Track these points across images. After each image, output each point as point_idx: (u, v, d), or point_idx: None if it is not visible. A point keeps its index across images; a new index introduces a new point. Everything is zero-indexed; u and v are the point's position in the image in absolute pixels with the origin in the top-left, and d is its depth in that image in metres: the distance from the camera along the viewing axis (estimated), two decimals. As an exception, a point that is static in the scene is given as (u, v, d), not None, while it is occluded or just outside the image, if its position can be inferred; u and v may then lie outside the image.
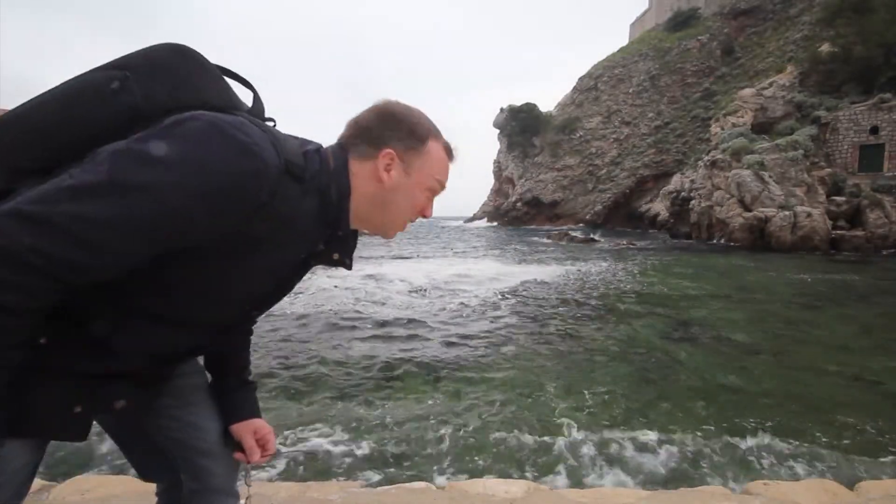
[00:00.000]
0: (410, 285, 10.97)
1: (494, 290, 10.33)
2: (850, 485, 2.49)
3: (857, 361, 5.27)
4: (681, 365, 5.12)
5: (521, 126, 57.50)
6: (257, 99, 0.87)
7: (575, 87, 59.35)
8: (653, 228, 38.84)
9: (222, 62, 0.85)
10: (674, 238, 29.54)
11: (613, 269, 14.50)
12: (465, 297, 9.56)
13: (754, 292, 10.09)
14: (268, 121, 0.89)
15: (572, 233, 31.71)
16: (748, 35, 47.23)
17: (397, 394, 4.20)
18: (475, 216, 69.19)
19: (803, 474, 2.96)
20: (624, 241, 25.71)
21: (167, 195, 0.63)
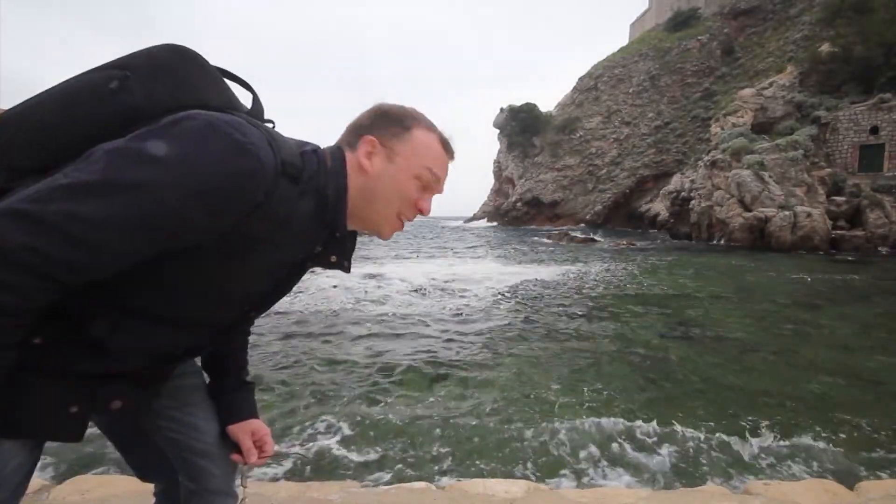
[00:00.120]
0: (410, 285, 10.97)
1: (494, 290, 10.34)
2: (850, 485, 2.48)
3: (857, 361, 5.28)
4: (681, 365, 5.12)
5: (521, 126, 57.45)
6: (256, 100, 0.87)
7: (575, 87, 59.31)
8: (653, 228, 38.80)
9: (222, 63, 0.85)
10: (674, 238, 29.52)
11: (613, 269, 14.49)
12: (465, 297, 9.56)
13: (754, 292, 10.09)
14: (267, 122, 0.89)
15: (572, 233, 31.70)
16: (748, 35, 47.20)
17: (397, 394, 4.20)
18: (475, 216, 69.14)
19: (803, 474, 2.97)
20: (624, 241, 25.70)
21: (162, 194, 0.62)
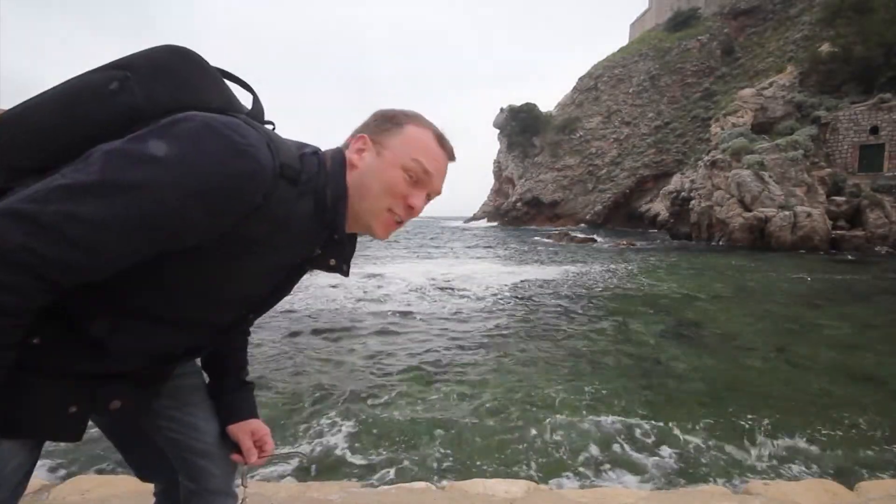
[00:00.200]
0: (410, 285, 10.97)
1: (494, 290, 10.34)
2: (850, 485, 2.48)
3: (857, 361, 5.27)
4: (680, 364, 5.12)
5: (521, 126, 57.46)
6: (257, 101, 0.87)
7: (575, 87, 59.32)
8: (653, 228, 38.81)
9: (222, 63, 0.85)
10: (674, 238, 29.51)
11: (613, 269, 14.50)
12: (465, 296, 9.56)
13: (754, 292, 10.10)
14: (267, 123, 0.89)
15: (572, 233, 31.72)
16: (748, 35, 47.21)
17: (397, 393, 4.20)
18: (475, 216, 69.16)
19: (803, 474, 2.97)
20: (624, 242, 25.70)
21: (160, 195, 0.62)
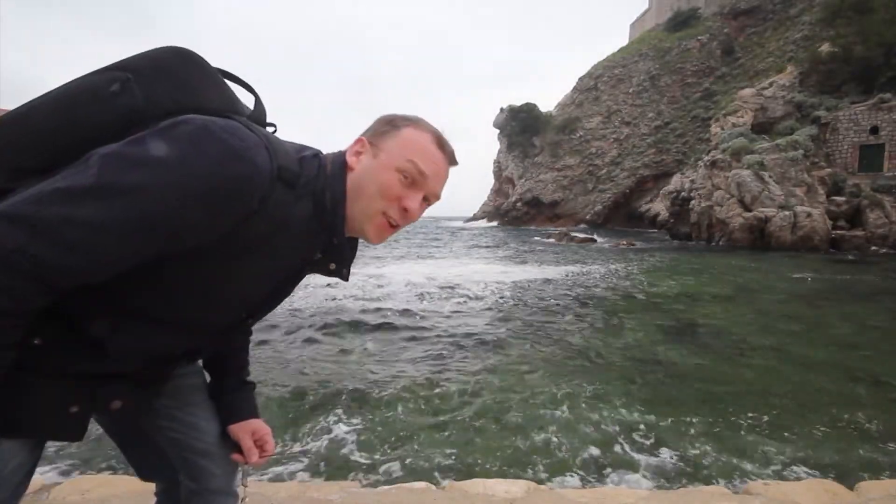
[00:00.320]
0: (410, 285, 10.97)
1: (494, 290, 10.34)
2: (850, 485, 2.48)
3: (857, 360, 5.27)
4: (681, 365, 5.12)
5: (521, 126, 57.46)
6: (259, 102, 0.87)
7: (575, 87, 59.31)
8: (653, 228, 38.80)
9: (222, 63, 0.84)
10: (674, 238, 29.50)
11: (613, 269, 14.50)
12: (465, 297, 9.56)
13: (754, 292, 10.09)
14: (269, 126, 0.88)
15: (572, 233, 31.71)
16: (748, 35, 47.20)
17: (396, 393, 4.19)
18: (475, 216, 69.15)
19: (803, 474, 2.97)
20: (624, 242, 25.70)
21: (157, 198, 0.62)
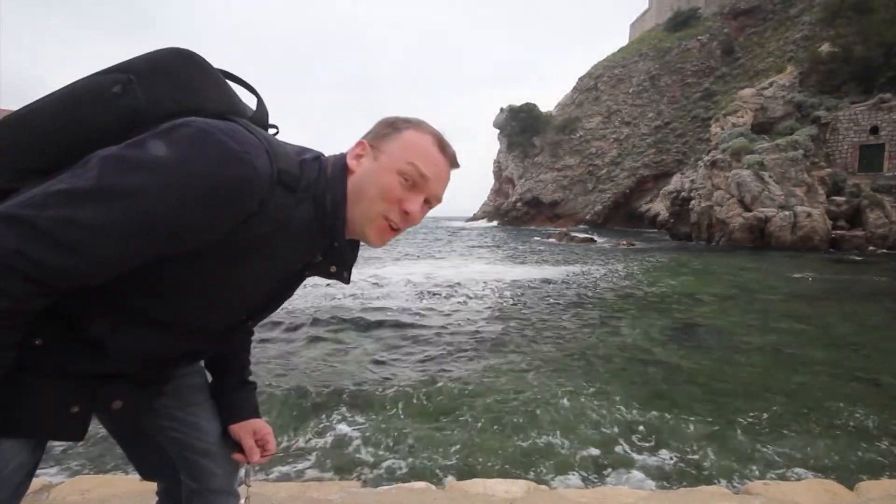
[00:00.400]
0: (410, 285, 10.97)
1: (495, 290, 10.34)
2: (850, 485, 2.49)
3: (857, 361, 5.28)
4: (681, 364, 5.12)
5: (521, 126, 57.45)
6: (261, 103, 0.87)
7: (575, 87, 59.30)
8: (653, 228, 38.82)
9: (222, 63, 0.84)
10: (674, 238, 29.51)
11: (613, 269, 14.50)
12: (466, 297, 9.56)
13: (754, 292, 10.09)
14: (271, 127, 0.88)
15: (572, 233, 31.71)
16: (748, 35, 47.21)
17: (396, 393, 4.19)
18: (475, 216, 69.18)
19: (803, 474, 2.97)
20: (624, 242, 25.70)
21: (155, 201, 0.62)
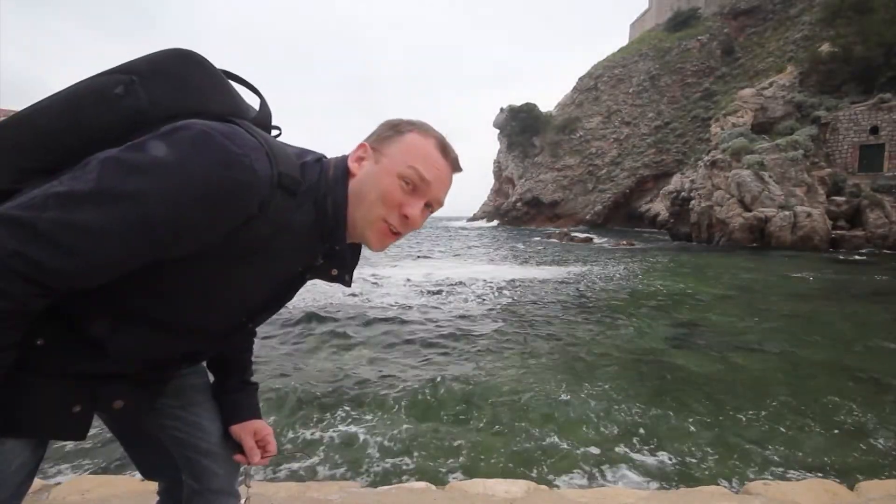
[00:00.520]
0: (410, 285, 10.97)
1: (494, 291, 10.34)
2: (850, 485, 2.49)
3: (857, 360, 5.27)
4: (681, 365, 5.12)
5: (521, 126, 57.40)
6: (264, 104, 0.87)
7: (575, 87, 59.25)
8: (653, 228, 38.82)
9: (223, 64, 0.84)
10: (674, 238, 29.49)
11: (613, 269, 14.50)
12: (466, 296, 9.56)
13: (754, 292, 10.09)
14: (274, 128, 0.88)
15: (572, 233, 31.72)
16: (748, 35, 47.18)
17: (395, 393, 4.19)
18: (475, 216, 69.17)
19: (803, 474, 2.97)
20: (624, 241, 25.72)
21: (155, 203, 0.62)
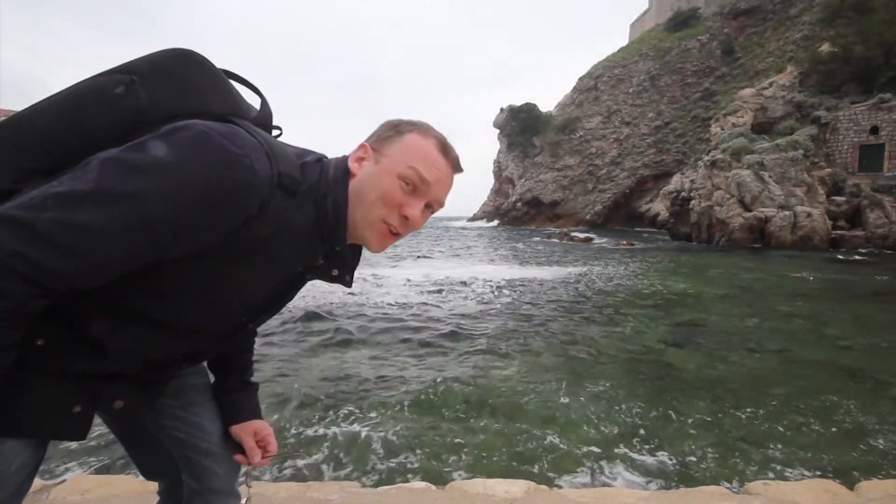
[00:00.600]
0: (410, 285, 10.97)
1: (494, 291, 10.34)
2: (850, 485, 2.49)
3: (857, 361, 5.27)
4: (681, 365, 5.12)
5: (521, 126, 57.42)
6: (265, 104, 0.87)
7: (575, 87, 59.26)
8: (653, 228, 38.85)
9: (224, 64, 0.84)
10: (674, 238, 29.49)
11: (613, 269, 14.50)
12: (466, 296, 9.56)
13: (754, 292, 10.10)
14: (275, 128, 0.88)
15: (572, 233, 31.74)
16: (748, 35, 47.19)
17: (395, 393, 4.19)
18: (475, 216, 69.18)
19: (803, 474, 2.97)
20: (624, 241, 25.71)
21: (155, 204, 0.62)
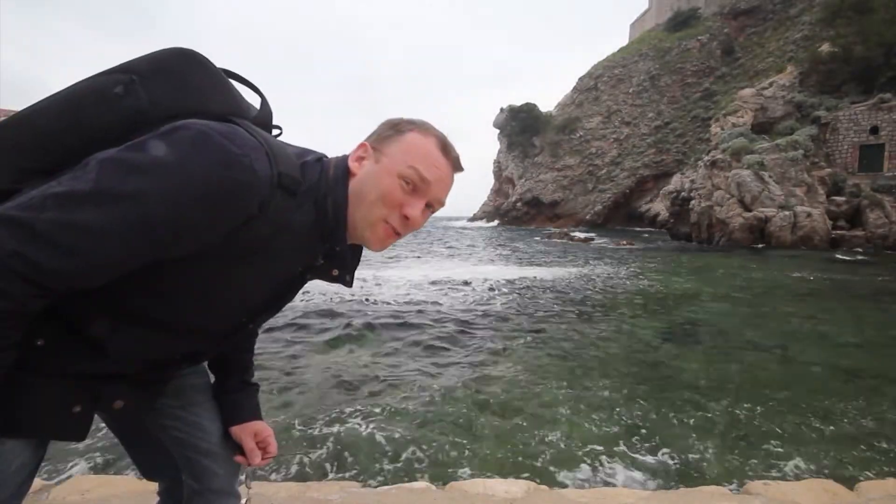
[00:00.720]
0: (410, 285, 10.97)
1: (494, 291, 10.34)
2: (850, 485, 2.49)
3: (858, 361, 5.27)
4: (681, 365, 5.12)
5: (521, 126, 57.47)
6: (265, 104, 0.87)
7: (575, 87, 59.30)
8: (653, 228, 38.90)
9: (224, 64, 0.84)
10: (674, 238, 29.50)
11: (613, 269, 14.50)
12: (466, 296, 9.56)
13: (754, 292, 10.09)
14: (275, 128, 0.88)
15: (572, 233, 31.76)
16: (748, 35, 47.22)
17: (395, 393, 4.20)
18: (475, 216, 69.22)
19: (803, 474, 2.97)
20: (624, 241, 25.72)
21: (154, 204, 0.62)
